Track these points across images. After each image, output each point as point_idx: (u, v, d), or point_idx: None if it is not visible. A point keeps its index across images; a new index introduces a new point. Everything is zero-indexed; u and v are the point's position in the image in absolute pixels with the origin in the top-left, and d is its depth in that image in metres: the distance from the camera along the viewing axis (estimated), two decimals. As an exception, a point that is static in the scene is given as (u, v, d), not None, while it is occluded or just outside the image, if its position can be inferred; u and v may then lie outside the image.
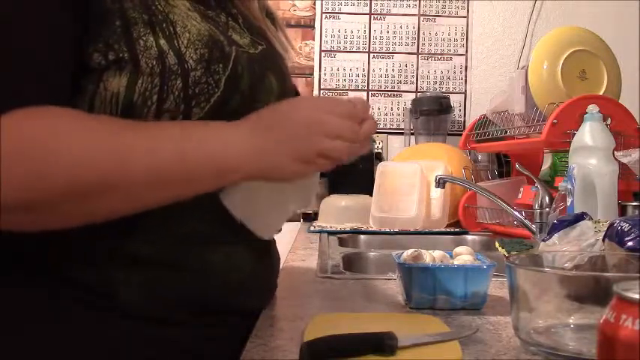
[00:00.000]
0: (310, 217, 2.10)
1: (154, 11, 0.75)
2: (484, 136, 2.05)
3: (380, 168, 2.13)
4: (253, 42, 0.86)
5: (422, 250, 0.92)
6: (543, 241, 0.96)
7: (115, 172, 0.67)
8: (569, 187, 1.29)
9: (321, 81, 2.54)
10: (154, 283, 0.74)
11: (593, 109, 1.32)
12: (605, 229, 0.87)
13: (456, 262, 0.92)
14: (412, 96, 2.51)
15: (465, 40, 2.55)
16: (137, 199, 0.70)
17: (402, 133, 2.50)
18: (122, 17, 0.73)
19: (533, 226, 1.54)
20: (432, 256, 0.92)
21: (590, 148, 1.28)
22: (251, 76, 0.81)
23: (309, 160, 0.74)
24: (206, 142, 0.72)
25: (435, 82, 2.55)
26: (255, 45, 0.86)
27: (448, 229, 1.98)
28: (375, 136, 2.45)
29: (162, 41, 0.74)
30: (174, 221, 0.75)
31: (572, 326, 0.67)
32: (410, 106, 2.45)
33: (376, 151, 2.38)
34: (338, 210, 1.99)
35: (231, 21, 0.86)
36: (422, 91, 2.53)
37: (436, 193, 1.96)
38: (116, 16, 0.72)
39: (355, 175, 2.13)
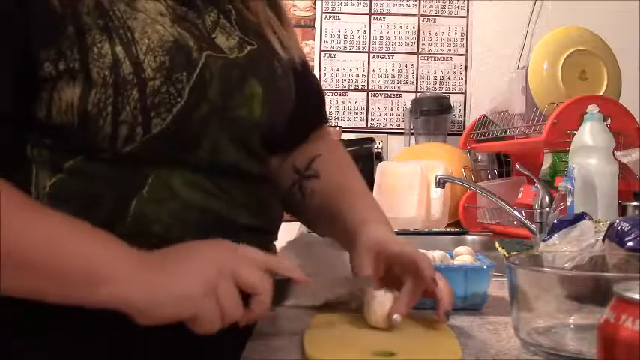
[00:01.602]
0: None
1: (110, 17, 0.72)
2: (484, 136, 2.05)
3: (380, 168, 2.13)
4: (242, 43, 0.83)
5: (422, 250, 0.92)
6: (543, 241, 0.96)
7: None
8: (569, 187, 1.29)
9: (321, 81, 2.54)
10: None
11: (593, 109, 1.32)
12: (605, 229, 0.87)
13: (456, 262, 0.92)
14: (412, 96, 2.51)
15: (465, 40, 2.55)
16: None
17: (402, 133, 2.50)
18: (76, 23, 0.70)
19: (533, 226, 1.54)
20: (432, 256, 0.92)
21: (590, 148, 1.28)
22: (223, 84, 0.78)
23: (181, 308, 0.63)
24: (84, 243, 0.65)
25: (435, 82, 2.55)
26: (243, 46, 0.82)
27: (448, 229, 1.98)
28: (375, 136, 2.46)
29: (118, 48, 0.70)
30: (171, 230, 0.74)
31: (572, 326, 0.67)
32: (410, 106, 2.45)
33: (376, 151, 2.38)
34: (338, 210, 1.99)
35: (222, 18, 0.83)
36: (422, 91, 2.53)
37: (436, 193, 1.96)
38: (69, 22, 0.69)
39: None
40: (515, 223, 1.72)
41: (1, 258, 0.61)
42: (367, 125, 2.54)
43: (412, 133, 2.45)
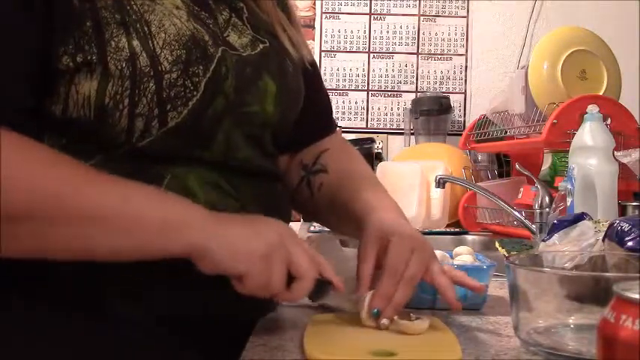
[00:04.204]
0: (310, 217, 2.10)
1: (127, 11, 0.72)
2: (484, 136, 2.05)
3: (380, 168, 2.13)
4: (254, 40, 0.83)
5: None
6: (543, 241, 0.96)
7: (32, 199, 0.62)
8: (569, 187, 1.29)
9: (321, 81, 2.54)
10: (142, 291, 0.73)
11: (593, 109, 1.32)
12: (605, 229, 0.87)
13: (456, 262, 0.92)
14: (412, 96, 2.51)
15: (465, 40, 2.55)
16: (59, 238, 0.64)
17: (402, 133, 2.50)
18: (94, 17, 0.70)
19: (533, 226, 1.54)
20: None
21: (590, 148, 1.28)
22: (238, 79, 0.78)
23: (266, 260, 0.67)
24: (154, 194, 0.69)
25: (435, 82, 2.54)
26: (256, 44, 0.83)
27: (448, 229, 1.98)
28: (375, 136, 2.46)
29: (135, 42, 0.71)
30: None
31: (572, 326, 0.67)
32: (410, 106, 2.45)
33: (376, 151, 2.38)
34: (338, 210, 1.99)
35: (234, 17, 0.83)
36: (422, 91, 2.53)
37: (436, 193, 1.96)
38: (87, 16, 0.70)
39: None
40: (515, 223, 1.72)
41: (78, 223, 0.64)
42: (367, 125, 2.54)
43: (412, 133, 2.45)
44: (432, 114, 2.38)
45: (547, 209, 1.48)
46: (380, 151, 2.45)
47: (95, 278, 0.72)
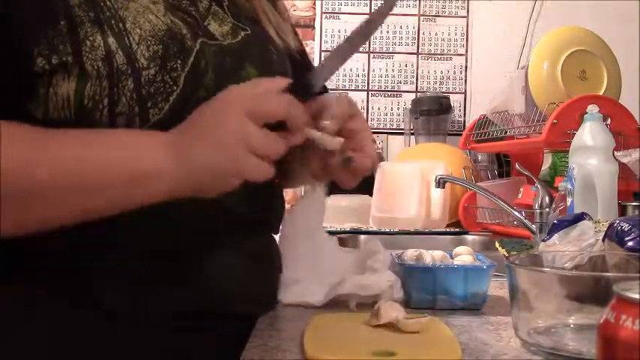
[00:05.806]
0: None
1: (101, 8, 0.72)
2: (484, 136, 2.05)
3: (380, 168, 2.13)
4: (235, 28, 0.82)
5: (422, 250, 0.92)
6: (543, 241, 0.96)
7: (20, 181, 0.64)
8: (569, 187, 1.29)
9: (321, 81, 2.54)
10: (141, 287, 0.73)
11: (593, 109, 1.32)
12: (605, 229, 0.87)
13: (456, 262, 0.92)
14: (412, 96, 2.51)
15: (465, 40, 2.55)
16: (51, 207, 0.66)
17: (402, 133, 2.50)
18: (67, 16, 0.70)
19: (533, 226, 1.54)
20: (432, 256, 0.92)
21: (590, 148, 1.28)
22: (218, 70, 0.77)
23: (231, 176, 0.69)
24: (109, 147, 0.69)
25: (435, 82, 2.55)
26: (237, 32, 0.82)
27: (448, 229, 1.98)
28: (375, 136, 2.46)
29: (110, 39, 0.70)
30: (165, 222, 0.73)
31: (572, 326, 0.67)
32: (410, 106, 2.45)
33: (376, 151, 2.38)
34: (338, 210, 2.00)
35: (215, 5, 0.82)
36: (422, 91, 2.53)
37: (436, 193, 1.96)
38: (61, 15, 0.70)
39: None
40: (515, 223, 1.72)
41: (41, 197, 0.65)
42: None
43: (412, 133, 2.45)
44: (432, 114, 2.38)
45: (547, 209, 1.48)
46: (380, 151, 2.45)
47: (93, 275, 0.72)
